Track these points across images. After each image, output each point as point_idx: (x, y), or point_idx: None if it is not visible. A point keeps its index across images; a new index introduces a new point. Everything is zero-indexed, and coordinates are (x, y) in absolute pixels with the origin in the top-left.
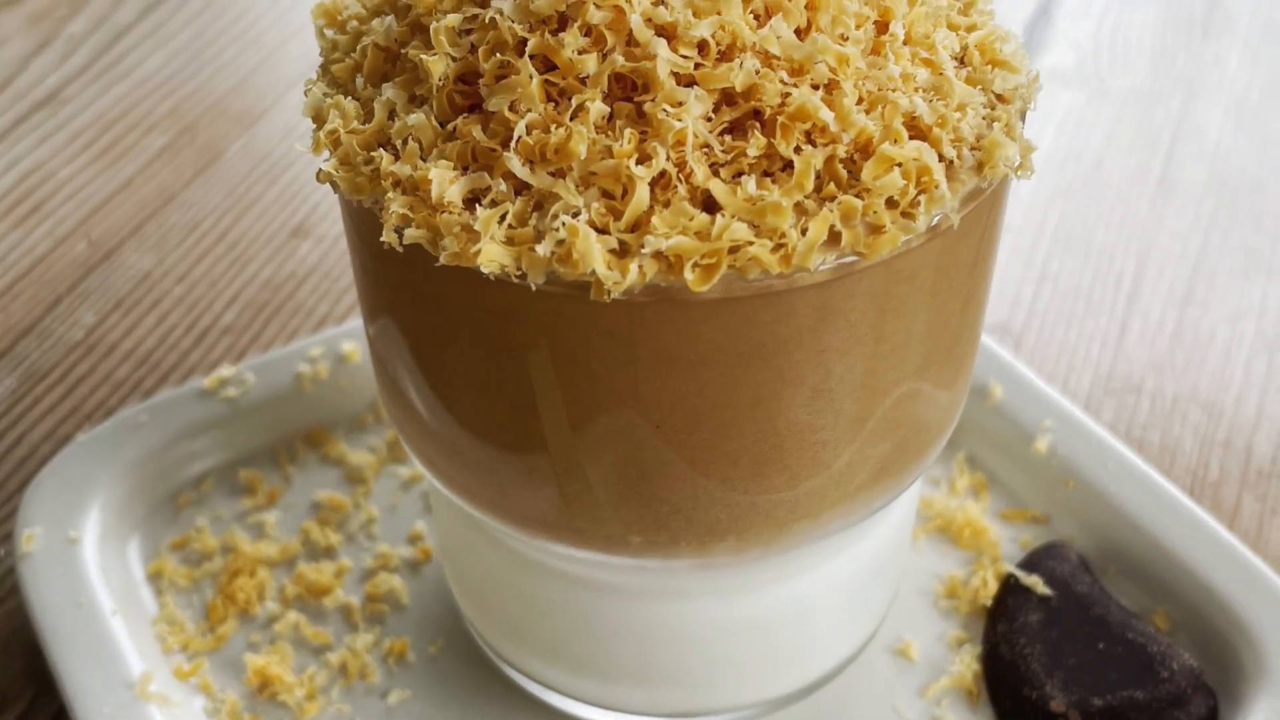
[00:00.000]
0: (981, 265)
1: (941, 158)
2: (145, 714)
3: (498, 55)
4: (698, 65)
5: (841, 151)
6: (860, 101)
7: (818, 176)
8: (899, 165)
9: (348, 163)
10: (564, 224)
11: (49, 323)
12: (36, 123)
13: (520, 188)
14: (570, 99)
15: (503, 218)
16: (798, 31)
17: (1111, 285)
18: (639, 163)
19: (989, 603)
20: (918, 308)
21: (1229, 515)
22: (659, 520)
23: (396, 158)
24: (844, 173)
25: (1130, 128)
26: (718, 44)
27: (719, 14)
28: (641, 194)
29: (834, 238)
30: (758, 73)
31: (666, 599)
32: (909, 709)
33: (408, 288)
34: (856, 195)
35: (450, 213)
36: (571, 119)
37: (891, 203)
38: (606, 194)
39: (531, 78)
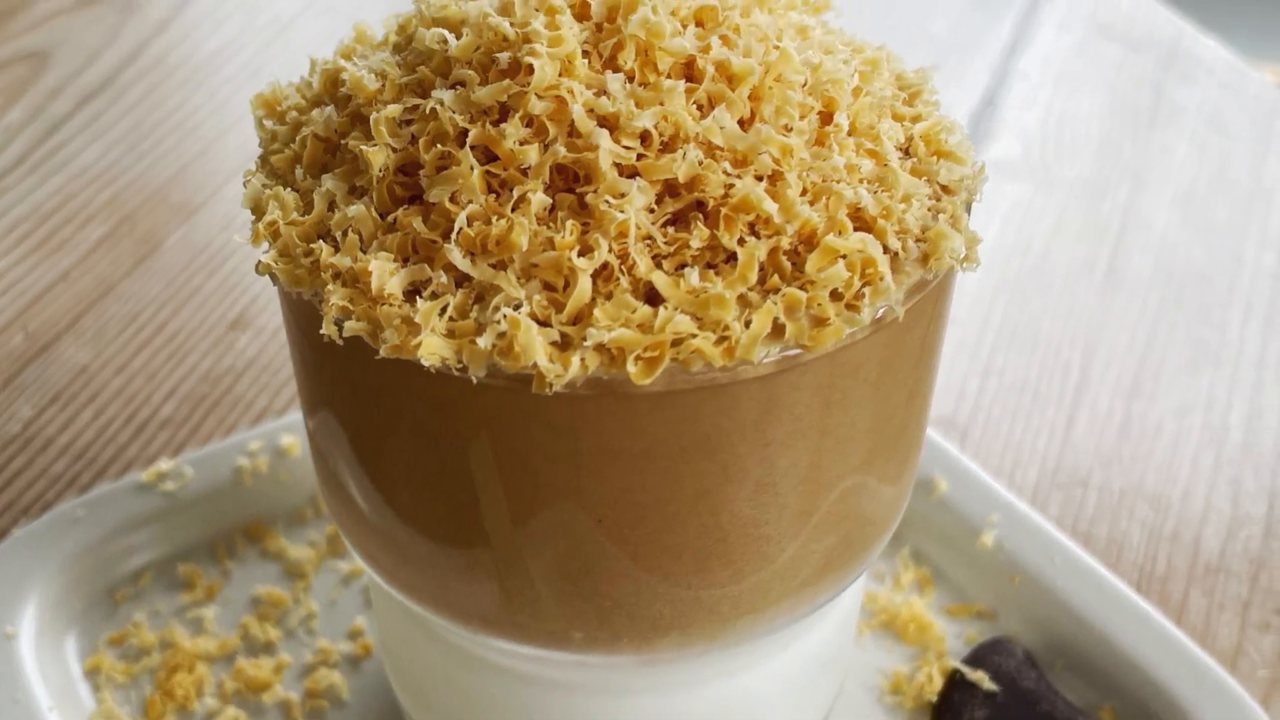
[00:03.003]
0: (927, 358)
1: (886, 249)
2: None
3: (438, 146)
4: (640, 156)
5: (785, 243)
6: (804, 193)
7: (761, 268)
8: (843, 257)
9: (287, 254)
10: (505, 316)
11: None
12: None
13: (461, 280)
14: (511, 190)
15: (443, 310)
16: (741, 122)
17: (1058, 378)
18: (581, 254)
19: (934, 699)
20: (863, 401)
21: (1176, 610)
22: (601, 616)
23: (336, 249)
24: (788, 264)
25: (1077, 218)
26: (660, 135)
27: (661, 104)
28: (583, 286)
29: (778, 330)
30: (701, 164)
31: (609, 695)
32: None
33: (347, 380)
34: (800, 287)
35: (390, 305)
36: (513, 210)
37: (836, 295)
38: (548, 286)
39: (472, 169)
